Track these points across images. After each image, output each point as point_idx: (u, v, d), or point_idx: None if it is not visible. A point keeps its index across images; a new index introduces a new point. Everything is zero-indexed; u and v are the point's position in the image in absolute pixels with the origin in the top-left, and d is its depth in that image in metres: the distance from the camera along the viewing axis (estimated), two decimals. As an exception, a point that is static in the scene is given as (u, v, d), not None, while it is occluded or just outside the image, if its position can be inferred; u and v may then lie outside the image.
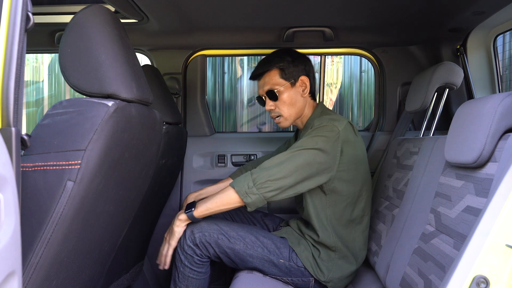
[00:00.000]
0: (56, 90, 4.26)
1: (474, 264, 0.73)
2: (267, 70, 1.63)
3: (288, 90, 1.60)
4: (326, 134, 1.43)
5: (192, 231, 1.48)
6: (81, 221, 0.96)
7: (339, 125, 1.46)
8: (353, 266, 1.54)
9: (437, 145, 1.35)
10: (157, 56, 2.16)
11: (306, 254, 1.52)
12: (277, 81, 1.60)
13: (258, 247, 1.50)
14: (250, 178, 1.40)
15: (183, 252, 1.49)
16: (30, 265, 0.88)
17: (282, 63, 1.60)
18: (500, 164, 0.92)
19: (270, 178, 1.38)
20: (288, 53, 1.63)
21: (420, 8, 1.53)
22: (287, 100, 1.60)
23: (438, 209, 1.17)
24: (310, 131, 1.46)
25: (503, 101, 0.95)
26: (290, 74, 1.60)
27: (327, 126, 1.45)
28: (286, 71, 1.60)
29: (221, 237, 1.48)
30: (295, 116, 1.63)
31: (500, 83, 1.89)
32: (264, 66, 1.64)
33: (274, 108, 1.63)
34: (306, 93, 1.62)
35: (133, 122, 1.06)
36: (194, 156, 2.20)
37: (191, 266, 1.49)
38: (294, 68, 1.60)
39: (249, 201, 1.38)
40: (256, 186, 1.38)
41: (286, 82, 1.60)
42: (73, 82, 0.98)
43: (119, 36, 1.05)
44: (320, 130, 1.44)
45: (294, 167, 1.39)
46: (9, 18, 0.72)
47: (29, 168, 0.89)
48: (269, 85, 1.61)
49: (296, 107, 1.62)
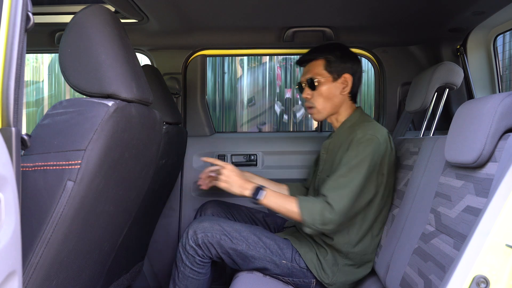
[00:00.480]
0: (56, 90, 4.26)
1: (474, 264, 0.73)
2: (313, 58, 1.61)
3: (328, 83, 1.59)
4: (370, 149, 1.43)
5: (194, 232, 1.48)
6: (81, 221, 0.96)
7: (381, 137, 1.46)
8: (361, 273, 1.53)
9: (437, 145, 1.35)
10: (157, 56, 2.16)
11: (310, 256, 1.52)
12: (319, 72, 1.59)
13: (260, 247, 1.50)
14: (319, 216, 1.39)
15: (184, 251, 1.49)
16: (30, 265, 0.88)
17: (330, 56, 1.59)
18: (500, 164, 0.92)
19: (338, 217, 1.40)
20: (339, 48, 1.62)
21: (420, 8, 1.53)
22: (324, 93, 1.59)
23: (438, 209, 1.17)
24: (354, 145, 1.45)
25: (503, 101, 0.95)
26: (334, 68, 1.58)
27: (371, 139, 1.45)
28: (331, 64, 1.59)
29: (223, 237, 1.48)
30: (329, 111, 1.62)
31: (500, 83, 1.89)
32: (312, 54, 1.63)
33: (310, 97, 1.61)
34: (346, 91, 1.60)
35: (133, 122, 1.06)
36: (194, 156, 2.20)
37: (192, 266, 1.48)
38: (340, 63, 1.59)
39: (307, 231, 1.43)
40: (321, 224, 1.40)
41: (328, 75, 1.59)
42: (73, 82, 0.98)
43: (119, 36, 1.05)
44: (364, 145, 1.44)
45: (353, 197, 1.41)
46: (9, 18, 0.72)
47: (29, 168, 0.89)
48: (311, 74, 1.60)
49: (331, 103, 1.60)
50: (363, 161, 1.42)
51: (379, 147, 1.45)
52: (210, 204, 1.85)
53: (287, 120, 4.11)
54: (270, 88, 4.08)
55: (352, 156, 1.44)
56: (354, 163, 1.42)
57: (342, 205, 1.39)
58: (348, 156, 1.45)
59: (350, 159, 1.44)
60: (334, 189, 1.42)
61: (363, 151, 1.43)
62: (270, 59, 4.07)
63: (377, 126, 1.52)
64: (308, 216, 1.40)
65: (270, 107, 4.06)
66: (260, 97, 4.05)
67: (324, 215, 1.38)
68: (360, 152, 1.43)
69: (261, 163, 2.20)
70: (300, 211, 1.41)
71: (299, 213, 1.41)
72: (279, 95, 4.11)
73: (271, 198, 1.46)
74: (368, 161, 1.43)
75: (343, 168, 1.44)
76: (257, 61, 4.12)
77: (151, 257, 2.08)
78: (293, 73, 4.11)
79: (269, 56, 3.99)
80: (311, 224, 1.40)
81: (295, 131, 4.04)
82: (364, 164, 1.42)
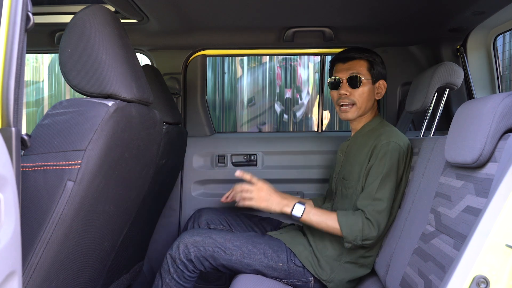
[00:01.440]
0: (56, 90, 4.26)
1: (474, 264, 0.73)
2: (357, 57, 1.61)
3: (369, 85, 1.60)
4: (396, 158, 1.47)
5: (186, 246, 1.47)
6: (81, 221, 0.96)
7: (403, 145, 1.49)
8: (361, 272, 1.53)
9: (437, 145, 1.35)
10: (157, 56, 2.16)
11: (306, 254, 1.52)
12: (364, 71, 1.59)
13: (255, 254, 1.50)
14: (361, 233, 1.41)
15: (173, 264, 1.48)
16: (30, 265, 0.88)
17: (373, 58, 1.60)
18: (500, 164, 0.92)
19: (377, 233, 1.43)
20: (377, 54, 1.64)
21: (420, 8, 1.53)
22: (365, 93, 1.59)
23: (438, 209, 1.17)
24: (381, 154, 1.47)
25: (503, 101, 0.95)
26: (375, 72, 1.60)
27: (396, 148, 1.47)
28: (374, 67, 1.60)
29: (216, 249, 1.48)
30: (363, 111, 1.62)
31: (500, 83, 1.89)
32: (356, 52, 1.62)
33: (349, 94, 1.60)
34: (379, 97, 1.63)
35: (133, 122, 1.06)
36: (194, 156, 2.20)
37: (179, 280, 1.48)
38: (380, 69, 1.61)
39: (347, 246, 1.46)
40: (362, 240, 1.42)
41: (370, 78, 1.60)
42: (73, 82, 0.98)
43: (119, 36, 1.05)
44: (391, 154, 1.46)
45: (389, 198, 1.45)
46: (9, 18, 0.72)
47: (29, 168, 0.89)
48: (355, 71, 1.59)
49: (368, 104, 1.61)
50: (391, 171, 1.45)
51: (402, 155, 1.48)
52: (204, 212, 1.85)
53: (287, 120, 4.11)
54: (270, 88, 4.08)
55: (381, 166, 1.46)
56: (385, 173, 1.45)
57: (381, 220, 1.43)
58: (377, 166, 1.47)
59: (380, 169, 1.46)
60: (371, 205, 1.44)
61: (390, 160, 1.46)
62: (270, 59, 4.07)
63: (399, 133, 1.54)
64: (349, 233, 1.42)
65: (270, 107, 4.06)
66: (260, 97, 4.05)
67: (365, 232, 1.41)
68: (387, 161, 1.46)
69: (261, 163, 2.20)
70: (340, 227, 1.43)
71: (339, 229, 1.43)
72: (279, 95, 4.11)
73: (311, 215, 1.48)
74: (395, 170, 1.46)
75: (375, 180, 1.46)
76: (257, 61, 4.12)
77: (151, 257, 2.08)
78: (293, 73, 4.11)
79: (269, 56, 3.99)
80: (353, 241, 1.43)
81: (295, 131, 4.04)
82: (392, 174, 1.46)
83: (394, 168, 1.46)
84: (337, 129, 3.71)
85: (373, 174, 1.47)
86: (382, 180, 1.45)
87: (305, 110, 4.12)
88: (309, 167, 2.16)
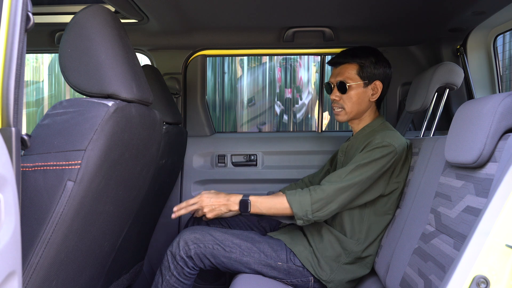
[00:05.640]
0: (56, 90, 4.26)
1: (474, 264, 0.73)
2: (347, 61, 1.61)
3: (359, 88, 1.59)
4: (383, 155, 1.44)
5: (186, 243, 1.48)
6: (81, 221, 0.96)
7: (398, 146, 1.46)
8: (361, 272, 1.53)
9: (437, 145, 1.35)
10: (157, 56, 2.16)
11: (305, 254, 1.52)
12: (352, 76, 1.59)
13: (254, 252, 1.50)
14: (310, 202, 1.41)
15: (173, 261, 1.48)
16: (30, 265, 0.88)
17: (363, 61, 1.59)
18: (500, 164, 0.92)
19: (328, 201, 1.41)
20: (373, 53, 1.61)
21: (420, 8, 1.53)
22: (353, 97, 1.59)
23: (438, 209, 1.17)
24: (369, 148, 1.46)
25: (503, 101, 0.95)
26: (366, 74, 1.58)
27: (387, 147, 1.45)
28: (364, 70, 1.58)
29: (216, 247, 1.48)
30: (355, 114, 1.62)
31: (500, 83, 1.89)
32: (346, 57, 1.62)
33: (339, 99, 1.61)
34: (375, 98, 1.61)
35: (133, 122, 1.06)
36: (194, 156, 2.20)
37: (179, 277, 1.48)
38: (373, 70, 1.59)
39: (300, 223, 1.44)
40: (313, 213, 1.41)
41: (360, 81, 1.58)
42: (73, 82, 0.98)
43: (119, 36, 1.05)
44: (379, 151, 1.44)
45: (352, 184, 1.42)
46: (9, 18, 0.72)
47: (29, 168, 0.89)
48: (342, 77, 1.59)
49: (359, 107, 1.60)
50: (372, 164, 1.43)
51: (394, 155, 1.45)
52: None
53: (287, 120, 4.11)
54: (270, 88, 4.08)
55: (363, 157, 1.45)
56: (362, 163, 1.43)
57: (332, 189, 1.41)
58: (359, 157, 1.46)
59: (360, 159, 1.45)
60: (332, 181, 1.43)
61: (374, 155, 1.43)
62: (270, 59, 4.07)
63: (397, 135, 1.52)
64: (299, 209, 1.41)
65: (270, 107, 4.06)
66: (260, 97, 4.05)
67: (314, 206, 1.40)
68: (372, 155, 1.44)
69: (261, 163, 2.20)
70: (290, 205, 1.42)
71: (290, 207, 1.42)
72: (279, 95, 4.11)
73: (258, 204, 1.47)
74: (378, 165, 1.43)
75: (349, 165, 1.45)
76: (257, 61, 4.12)
77: (151, 257, 2.08)
78: (293, 73, 4.11)
79: (269, 56, 3.99)
80: (303, 216, 1.41)
81: (295, 131, 4.04)
82: (371, 167, 1.43)
83: (376, 163, 1.43)
84: (337, 129, 3.71)
85: (351, 162, 1.46)
86: (356, 167, 1.43)
87: (305, 110, 4.12)
88: (309, 167, 2.16)
